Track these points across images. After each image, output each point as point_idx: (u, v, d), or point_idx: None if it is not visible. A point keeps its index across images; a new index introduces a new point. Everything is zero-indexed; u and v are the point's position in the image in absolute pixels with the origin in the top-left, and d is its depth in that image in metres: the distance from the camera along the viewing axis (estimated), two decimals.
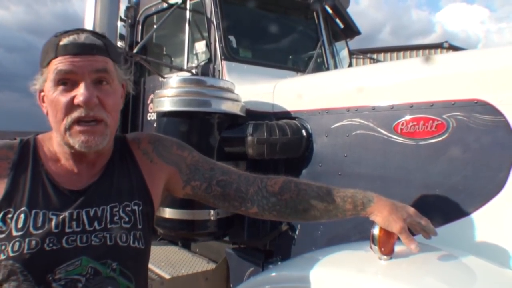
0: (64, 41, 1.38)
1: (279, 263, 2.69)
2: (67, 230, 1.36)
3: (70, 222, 1.37)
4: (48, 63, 1.38)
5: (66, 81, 1.36)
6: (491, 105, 1.86)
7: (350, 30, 5.13)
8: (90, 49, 1.39)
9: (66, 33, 1.41)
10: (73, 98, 1.34)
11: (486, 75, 1.94)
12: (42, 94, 1.44)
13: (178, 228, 2.81)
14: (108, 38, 1.53)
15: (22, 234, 1.31)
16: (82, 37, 1.40)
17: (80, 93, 1.34)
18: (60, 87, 1.36)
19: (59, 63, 1.35)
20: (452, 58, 2.36)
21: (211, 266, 3.42)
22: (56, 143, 1.47)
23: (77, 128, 1.35)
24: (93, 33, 1.47)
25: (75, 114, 1.35)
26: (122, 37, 4.42)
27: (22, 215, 1.34)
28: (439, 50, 16.88)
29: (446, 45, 17.02)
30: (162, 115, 2.89)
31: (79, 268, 1.34)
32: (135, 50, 3.58)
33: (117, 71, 1.49)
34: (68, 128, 1.36)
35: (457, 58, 2.27)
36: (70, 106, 1.34)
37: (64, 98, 1.35)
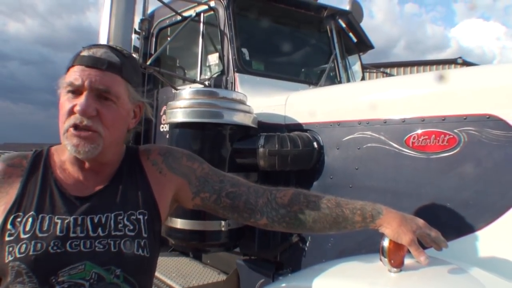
0: (84, 52, 1.47)
1: (289, 274, 2.69)
2: (71, 235, 1.40)
3: (74, 227, 1.41)
4: (67, 71, 1.47)
5: (74, 89, 1.43)
6: (504, 121, 1.87)
7: (363, 44, 5.14)
8: (101, 64, 1.45)
9: (92, 46, 1.51)
10: (74, 106, 1.42)
11: (498, 91, 1.94)
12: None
13: (189, 239, 2.82)
14: (132, 59, 1.62)
15: (29, 237, 1.36)
16: (100, 52, 1.48)
17: (79, 102, 1.41)
18: (69, 94, 1.44)
19: (72, 72, 1.44)
20: (465, 73, 2.36)
21: (222, 277, 3.42)
22: (64, 150, 1.53)
23: (72, 131, 1.42)
24: (116, 50, 1.54)
25: (72, 119, 1.42)
26: (136, 49, 4.47)
27: (30, 219, 1.39)
28: (453, 65, 16.80)
29: (460, 61, 16.92)
30: (174, 126, 2.92)
31: (83, 273, 1.37)
32: (148, 62, 3.62)
33: (129, 91, 1.53)
34: (66, 131, 1.43)
35: (469, 73, 2.28)
36: (71, 112, 1.42)
37: (68, 104, 1.43)
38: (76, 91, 1.43)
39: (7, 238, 1.37)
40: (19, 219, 1.39)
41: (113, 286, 1.41)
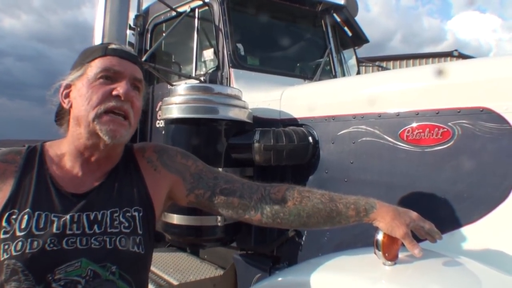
0: (113, 46, 1.56)
1: (286, 268, 2.70)
2: (67, 232, 1.40)
3: (71, 224, 1.41)
4: (93, 60, 1.51)
5: (109, 76, 1.49)
6: (497, 113, 1.88)
7: (358, 38, 5.14)
8: (133, 58, 1.57)
9: (114, 43, 1.60)
10: (112, 90, 1.47)
11: (492, 83, 1.95)
12: (66, 91, 1.55)
13: (186, 234, 2.83)
14: None
15: (25, 234, 1.36)
16: (128, 48, 1.62)
17: (121, 86, 1.47)
18: (101, 80, 1.48)
19: (107, 61, 1.50)
20: (458, 66, 2.37)
21: (219, 272, 3.43)
22: (70, 140, 1.54)
23: (107, 117, 1.45)
24: None
25: (111, 103, 1.46)
26: (131, 45, 4.47)
27: (26, 216, 1.39)
28: (449, 58, 16.79)
29: (456, 53, 16.92)
30: (170, 122, 2.92)
31: (79, 270, 1.37)
32: (144, 58, 3.61)
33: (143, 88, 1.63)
34: (98, 116, 1.45)
35: (463, 66, 2.28)
36: (107, 96, 1.46)
37: (103, 88, 1.47)
38: (111, 77, 1.49)
39: (2, 236, 1.36)
40: (14, 216, 1.38)
41: (109, 283, 1.41)
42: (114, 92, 1.46)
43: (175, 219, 2.77)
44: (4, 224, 1.37)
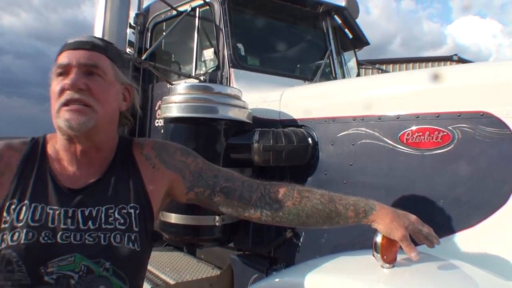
0: (70, 40, 1.53)
1: (283, 270, 2.69)
2: (62, 226, 1.41)
3: (65, 219, 1.42)
4: (56, 61, 1.51)
5: (63, 72, 1.47)
6: (497, 118, 1.87)
7: (359, 41, 5.13)
8: (86, 45, 1.51)
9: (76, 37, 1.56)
10: (64, 84, 1.44)
11: (492, 88, 1.95)
12: None
13: (183, 234, 2.82)
14: (115, 45, 1.67)
15: (22, 225, 1.38)
16: (84, 37, 1.55)
17: (68, 78, 1.44)
18: (59, 77, 1.47)
19: (60, 58, 1.49)
20: (459, 70, 2.37)
21: (216, 272, 3.42)
22: (58, 137, 1.55)
23: (63, 109, 1.44)
24: (98, 38, 1.61)
25: (64, 97, 1.44)
26: (131, 44, 4.46)
27: (24, 208, 1.41)
28: (448, 63, 16.77)
29: (455, 58, 16.90)
30: (169, 121, 2.91)
31: (72, 265, 1.38)
32: (143, 57, 3.59)
33: (115, 70, 1.57)
34: (58, 110, 1.44)
35: (463, 70, 2.28)
36: (61, 91, 1.44)
37: (59, 85, 1.45)
38: (65, 72, 1.47)
39: (2, 226, 1.38)
40: (13, 207, 1.41)
41: (102, 279, 1.42)
42: (63, 86, 1.45)
43: (173, 218, 2.76)
44: (4, 214, 1.40)
